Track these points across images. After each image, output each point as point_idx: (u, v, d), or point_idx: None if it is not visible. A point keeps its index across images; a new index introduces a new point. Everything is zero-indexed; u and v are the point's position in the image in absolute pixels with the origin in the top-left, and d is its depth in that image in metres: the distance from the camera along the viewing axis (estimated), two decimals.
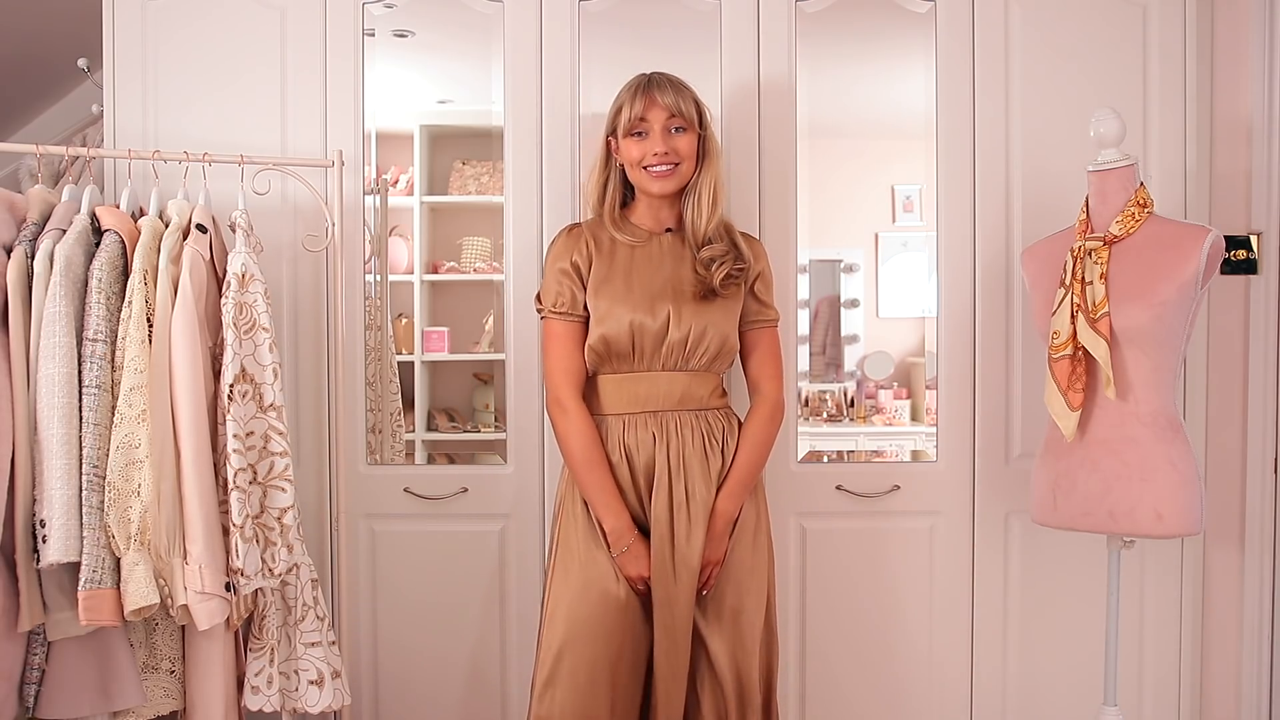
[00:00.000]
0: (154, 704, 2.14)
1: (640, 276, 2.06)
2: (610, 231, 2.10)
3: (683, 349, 2.04)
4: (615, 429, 2.06)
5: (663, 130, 2.03)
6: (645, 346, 2.03)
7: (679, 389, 2.06)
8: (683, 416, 2.05)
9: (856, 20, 2.59)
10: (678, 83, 2.07)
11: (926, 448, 2.66)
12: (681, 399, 2.06)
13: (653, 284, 2.05)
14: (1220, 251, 2.07)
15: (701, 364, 2.06)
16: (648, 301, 2.03)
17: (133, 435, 1.97)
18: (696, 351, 2.05)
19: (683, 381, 2.06)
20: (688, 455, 2.03)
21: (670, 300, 2.03)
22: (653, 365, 2.05)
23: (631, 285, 2.05)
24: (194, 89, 2.52)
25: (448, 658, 2.58)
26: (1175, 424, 2.07)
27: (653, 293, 2.04)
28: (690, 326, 2.03)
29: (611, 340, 2.03)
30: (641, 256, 2.08)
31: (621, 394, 2.07)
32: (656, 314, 2.02)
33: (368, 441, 2.57)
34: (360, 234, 2.54)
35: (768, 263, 2.18)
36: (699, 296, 2.04)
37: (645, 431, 2.04)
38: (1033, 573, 2.58)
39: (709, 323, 2.04)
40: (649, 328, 2.02)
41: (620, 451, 2.04)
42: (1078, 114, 2.46)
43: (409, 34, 2.61)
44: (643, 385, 2.06)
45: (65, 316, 1.96)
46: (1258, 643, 2.45)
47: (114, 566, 1.95)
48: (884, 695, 2.60)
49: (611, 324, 2.03)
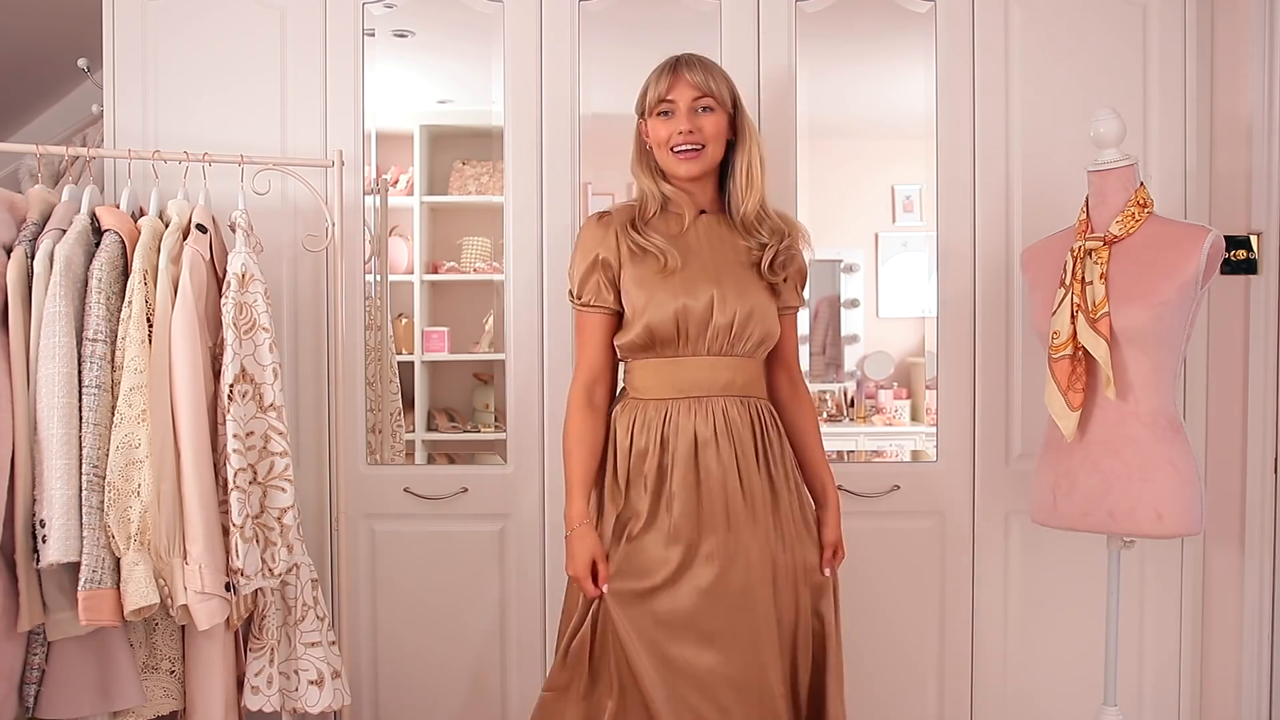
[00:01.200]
0: (154, 704, 2.14)
1: (683, 261, 1.98)
2: (651, 210, 2.03)
3: (728, 333, 1.97)
4: (653, 412, 1.98)
5: (688, 109, 1.98)
6: (690, 331, 1.96)
7: (724, 375, 1.99)
8: (730, 403, 1.98)
9: (856, 20, 2.59)
10: (707, 62, 2.02)
11: (926, 448, 2.66)
12: (727, 385, 1.99)
13: (694, 268, 1.98)
14: (1220, 251, 2.07)
15: (747, 349, 2.00)
16: (690, 286, 1.96)
17: (133, 435, 1.97)
18: (743, 335, 1.98)
19: (729, 367, 1.99)
20: (744, 447, 1.97)
21: (714, 283, 1.97)
22: (697, 350, 1.98)
23: (671, 271, 1.97)
24: (194, 89, 2.52)
25: (448, 658, 2.58)
26: (1175, 424, 2.07)
27: (695, 276, 1.97)
28: (736, 310, 1.96)
29: (656, 328, 1.96)
30: (680, 242, 2.01)
31: (663, 378, 1.99)
32: (699, 297, 1.95)
33: (368, 441, 2.57)
34: (360, 234, 2.54)
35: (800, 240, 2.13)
36: (743, 279, 2.00)
37: (688, 418, 1.96)
38: (1033, 573, 2.58)
39: (754, 305, 1.98)
40: (693, 311, 1.95)
41: (657, 436, 1.96)
42: (1078, 114, 2.46)
43: (409, 34, 2.61)
44: (687, 371, 1.98)
45: (65, 316, 1.96)
46: (1258, 643, 2.45)
47: (114, 566, 1.95)
48: (884, 695, 2.60)
49: (655, 311, 1.95)
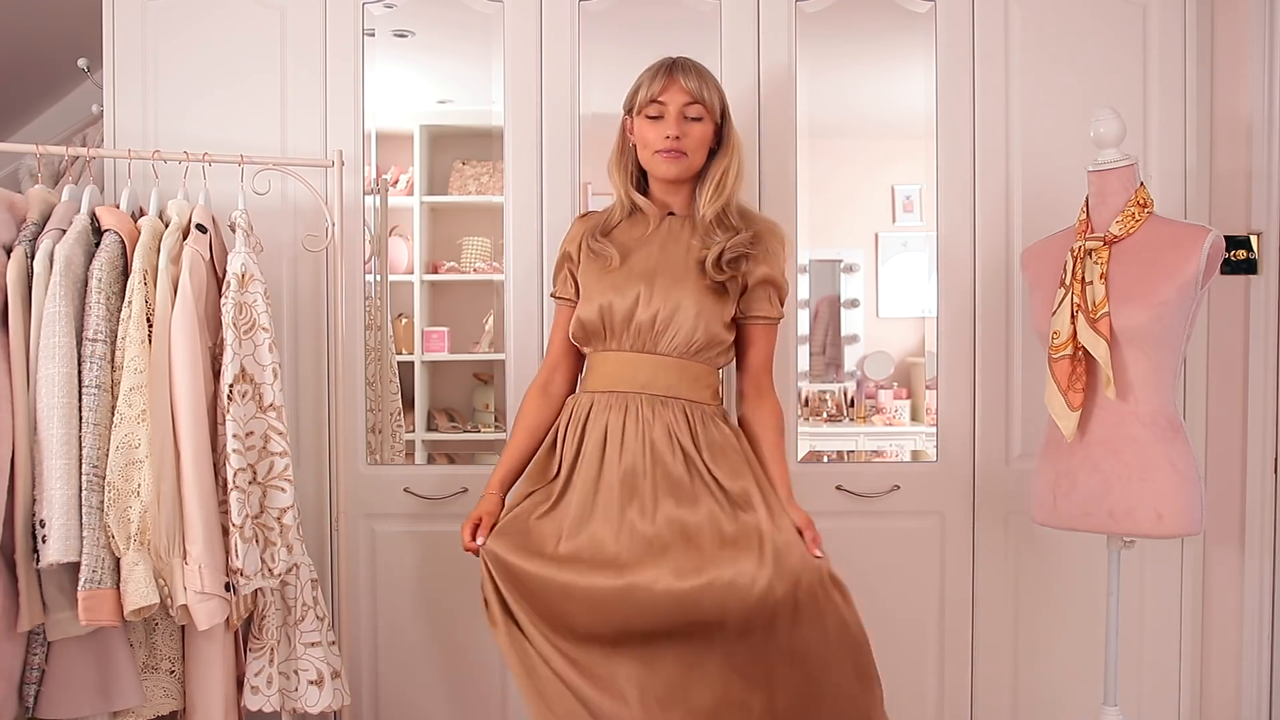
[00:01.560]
0: (154, 704, 2.14)
1: (631, 259, 2.03)
2: (618, 215, 2.09)
3: (650, 330, 1.99)
4: (587, 405, 2.03)
5: (678, 115, 1.99)
6: (615, 326, 2.01)
7: (645, 373, 2.00)
8: (648, 401, 1.99)
9: (856, 20, 2.59)
10: (702, 69, 2.04)
11: (926, 448, 2.66)
12: (646, 383, 2.00)
13: (637, 266, 2.02)
14: (1220, 251, 2.07)
15: (672, 348, 1.99)
16: (621, 284, 2.00)
17: (132, 435, 1.97)
18: (665, 334, 1.98)
19: (651, 365, 2.00)
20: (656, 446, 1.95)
21: (645, 281, 1.99)
22: (622, 346, 2.02)
23: (615, 268, 2.02)
24: (194, 89, 2.52)
25: (447, 657, 2.58)
26: (1175, 424, 2.07)
27: (633, 274, 2.01)
28: (659, 308, 1.97)
29: (585, 322, 2.03)
30: (640, 239, 2.06)
31: (598, 372, 2.05)
32: (626, 294, 1.99)
33: (368, 441, 2.57)
34: (360, 234, 2.54)
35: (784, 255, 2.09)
36: (680, 278, 1.99)
37: (604, 412, 2.00)
38: (1033, 573, 2.58)
39: (681, 304, 1.97)
40: (617, 308, 2.00)
41: (581, 428, 2.01)
42: (1078, 114, 2.46)
43: (409, 34, 2.61)
44: (611, 364, 2.03)
45: (65, 316, 1.96)
46: (1258, 643, 2.45)
47: (114, 566, 1.95)
48: (885, 695, 2.59)
49: (585, 306, 2.04)
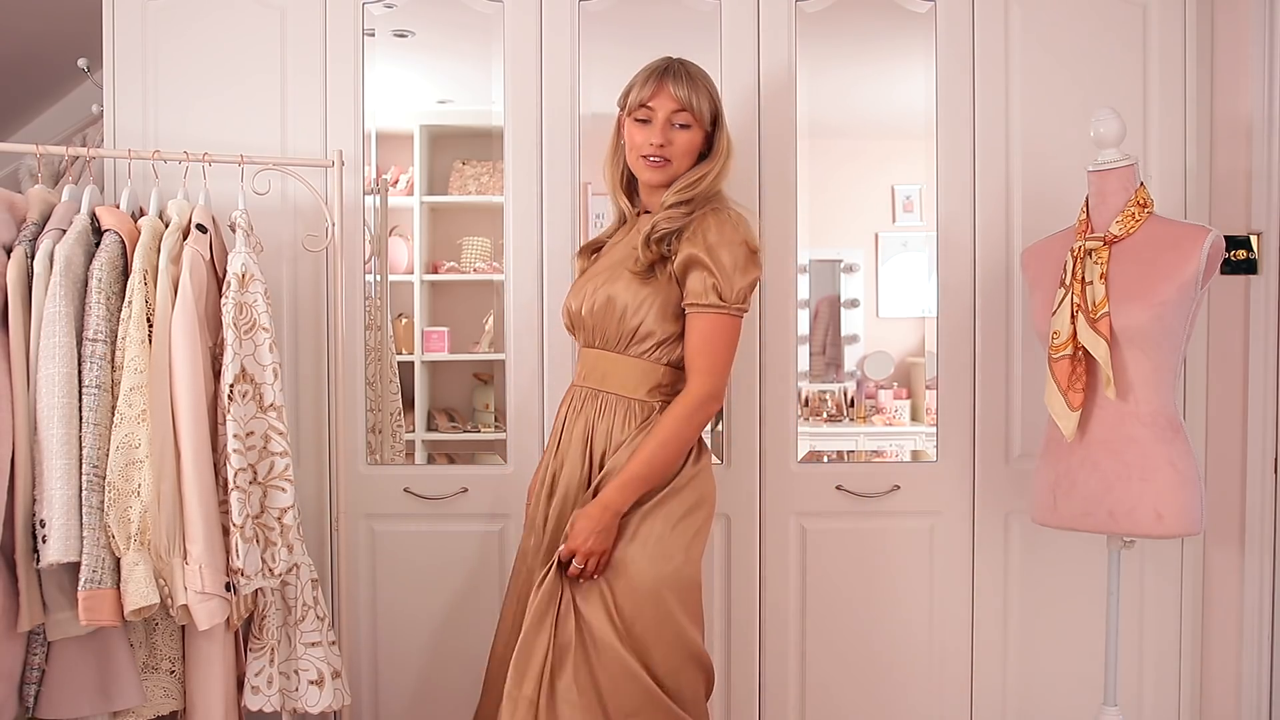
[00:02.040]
0: (154, 704, 2.14)
1: (596, 263, 2.09)
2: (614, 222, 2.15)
3: (589, 325, 2.00)
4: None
5: (665, 122, 1.96)
6: (574, 325, 2.07)
7: (599, 368, 2.00)
8: (579, 393, 2.03)
9: (856, 20, 2.59)
10: (695, 74, 1.99)
11: (926, 448, 2.66)
12: (586, 375, 2.03)
13: (596, 268, 2.07)
14: (1220, 251, 2.07)
15: (605, 341, 1.97)
16: (582, 284, 2.06)
17: (133, 435, 1.97)
18: (598, 329, 1.98)
19: (592, 359, 2.02)
20: (573, 438, 2.00)
21: (593, 280, 2.02)
22: (584, 344, 2.07)
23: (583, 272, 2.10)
24: (194, 89, 2.52)
25: (448, 658, 2.58)
26: (1175, 424, 2.07)
27: (589, 276, 2.06)
28: (593, 303, 1.97)
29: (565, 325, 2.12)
30: (612, 243, 2.10)
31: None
32: (577, 296, 2.04)
33: (368, 441, 2.57)
34: (360, 234, 2.54)
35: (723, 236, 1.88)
36: (616, 272, 1.97)
37: (567, 405, 2.08)
38: (1033, 573, 2.58)
39: (610, 296, 1.94)
40: (572, 309, 2.06)
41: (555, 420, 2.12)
42: (1078, 114, 2.46)
43: (409, 34, 2.61)
44: (579, 362, 2.10)
45: (65, 317, 1.96)
46: (1258, 643, 2.45)
47: (114, 566, 1.95)
48: (884, 695, 2.60)
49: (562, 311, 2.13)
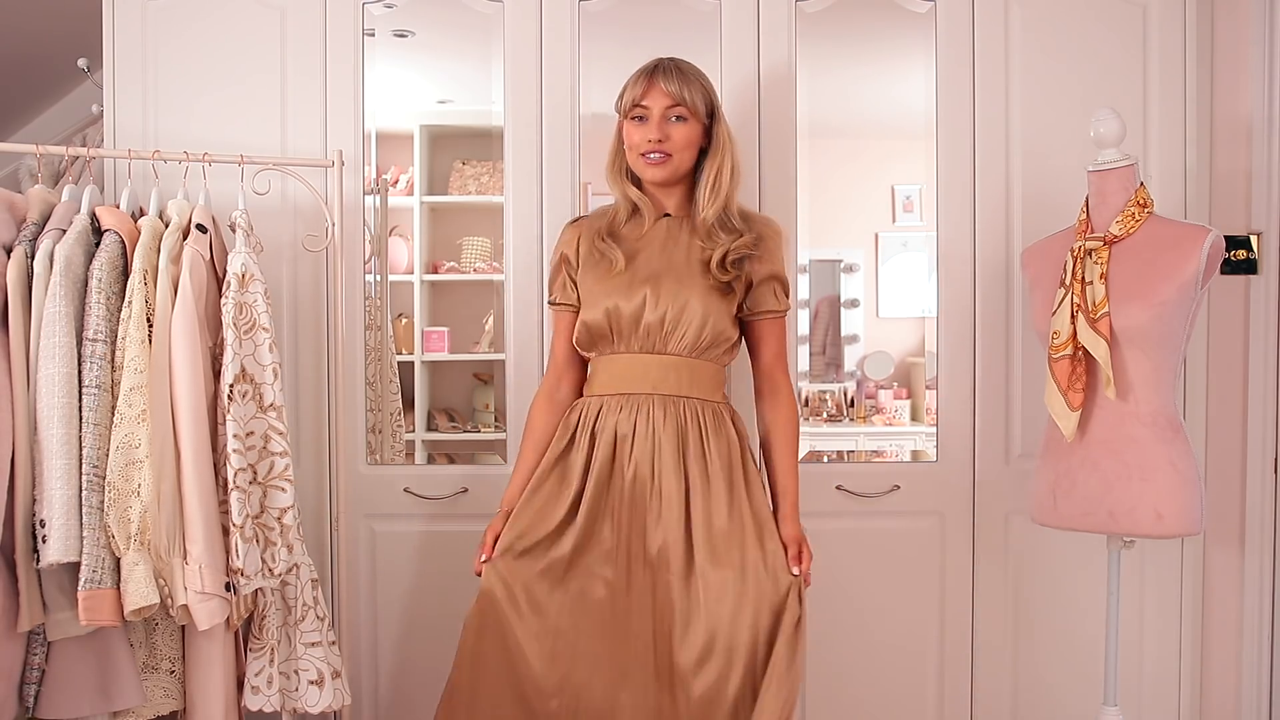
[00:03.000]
0: (154, 704, 2.14)
1: (634, 261, 2.04)
2: (623, 216, 2.09)
3: (659, 331, 2.00)
4: (594, 410, 2.04)
5: (661, 117, 2.00)
6: (623, 329, 2.02)
7: (656, 374, 2.01)
8: (658, 401, 2.00)
9: (856, 20, 2.59)
10: (686, 69, 2.03)
11: (926, 448, 2.66)
12: (657, 384, 2.01)
13: (641, 268, 2.03)
14: (1220, 251, 2.07)
15: (682, 348, 2.01)
16: (627, 286, 2.01)
17: (133, 435, 1.97)
18: (675, 334, 2.00)
19: (661, 366, 2.01)
20: (661, 447, 1.98)
21: (650, 283, 2.00)
22: (630, 348, 2.03)
23: (619, 271, 2.03)
24: (194, 89, 2.52)
25: (448, 658, 2.57)
26: (1175, 424, 2.07)
27: (637, 276, 2.02)
28: (667, 308, 1.99)
29: (591, 325, 2.04)
30: (640, 241, 2.07)
31: (607, 375, 2.06)
32: (633, 297, 2.00)
33: (368, 441, 2.57)
34: (360, 234, 2.54)
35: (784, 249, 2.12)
36: (685, 279, 2.01)
37: (614, 414, 2.01)
38: (1033, 573, 2.58)
39: (689, 304, 1.99)
40: (624, 311, 2.00)
41: (589, 432, 2.02)
42: (1078, 114, 2.46)
43: (409, 34, 2.61)
44: (620, 367, 2.04)
45: (65, 316, 1.96)
46: (1258, 643, 2.45)
47: (114, 566, 1.95)
48: (884, 695, 2.60)
49: (590, 310, 2.04)
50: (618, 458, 2.00)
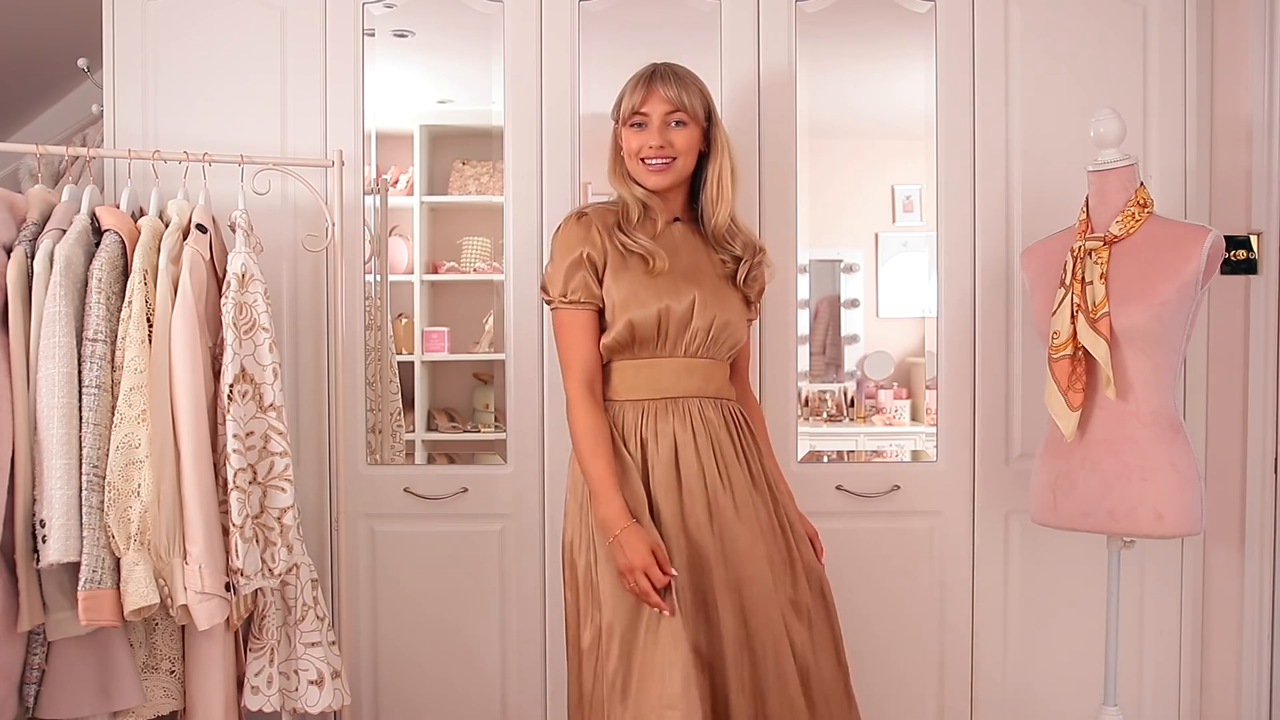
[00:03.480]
0: (154, 704, 2.14)
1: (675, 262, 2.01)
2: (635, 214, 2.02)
3: (706, 336, 2.01)
4: (631, 416, 1.98)
5: (661, 123, 1.99)
6: (670, 332, 1.99)
7: (699, 377, 2.03)
8: (705, 404, 2.02)
9: (856, 20, 2.59)
10: (683, 74, 2.03)
11: (926, 448, 2.66)
12: (700, 387, 2.02)
13: (677, 271, 2.01)
14: (1220, 251, 2.07)
15: (721, 353, 2.06)
16: (673, 287, 1.98)
17: (133, 435, 1.97)
18: (720, 340, 2.03)
19: (703, 369, 2.03)
20: (722, 446, 2.00)
21: (696, 287, 2.00)
22: (675, 352, 2.00)
23: (659, 272, 1.98)
24: (194, 89, 2.52)
25: (448, 658, 2.58)
26: (1175, 424, 2.07)
27: (678, 279, 1.99)
28: (715, 315, 2.01)
29: (639, 326, 1.96)
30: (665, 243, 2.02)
31: (639, 380, 2.00)
32: (682, 299, 1.98)
33: (368, 441, 2.57)
34: (360, 234, 2.54)
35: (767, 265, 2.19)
36: (720, 287, 2.05)
37: (665, 419, 1.98)
38: (1033, 573, 2.58)
39: (731, 313, 2.04)
40: (675, 312, 1.97)
41: (636, 439, 1.97)
42: (1078, 114, 2.46)
43: (409, 34, 2.61)
44: (664, 372, 2.00)
45: (65, 316, 1.96)
46: (1258, 643, 2.45)
47: (114, 566, 1.95)
48: (885, 695, 2.60)
49: (638, 310, 1.96)
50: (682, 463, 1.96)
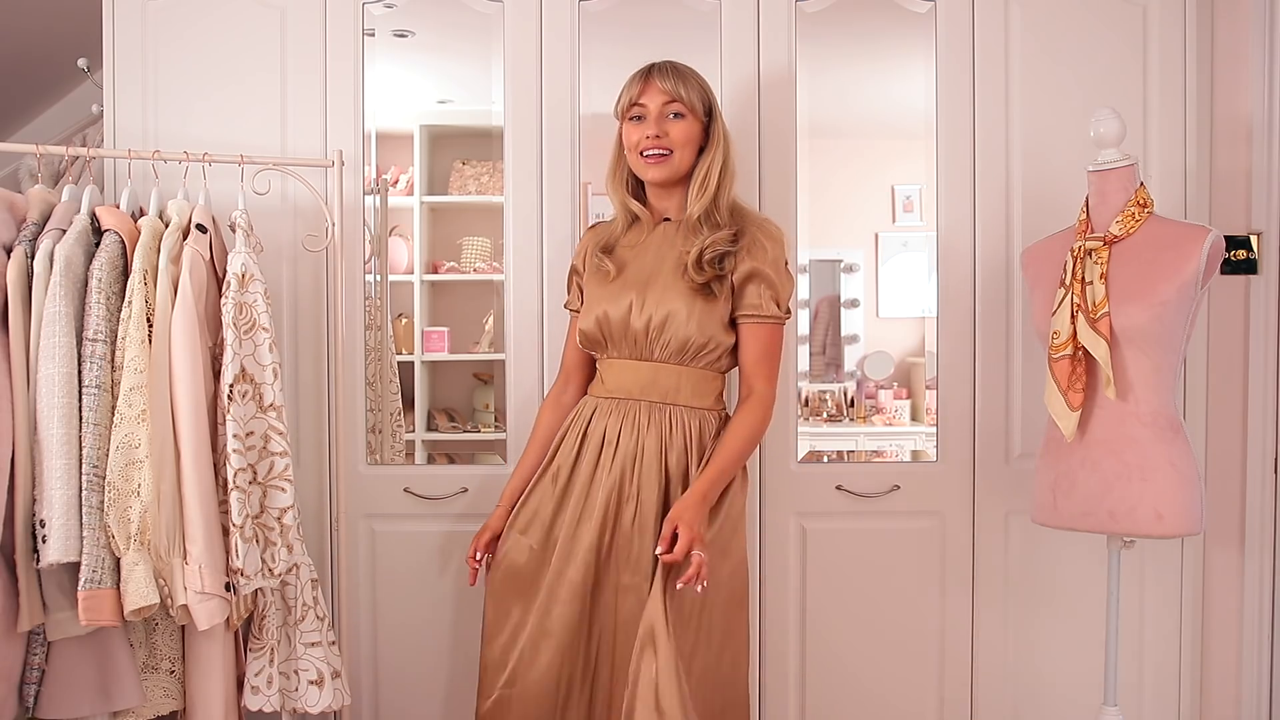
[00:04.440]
0: (154, 704, 2.14)
1: (627, 268, 2.07)
2: (620, 226, 2.13)
3: (644, 337, 2.01)
4: (589, 411, 2.08)
5: (658, 114, 2.02)
6: (613, 335, 2.05)
7: (644, 379, 2.03)
8: (644, 407, 2.02)
9: (856, 20, 2.59)
10: (682, 69, 2.06)
11: (926, 448, 2.66)
12: (645, 389, 2.02)
13: (630, 275, 2.05)
14: (1220, 251, 2.07)
15: (667, 355, 2.01)
16: (616, 293, 2.04)
17: (133, 435, 1.97)
18: (659, 340, 2.00)
19: (650, 372, 2.03)
20: (646, 449, 2.00)
21: (637, 289, 2.02)
22: (623, 354, 2.06)
23: (613, 277, 2.07)
24: (194, 89, 2.52)
25: (447, 657, 2.58)
26: (1175, 424, 2.07)
27: (626, 283, 2.04)
28: (651, 315, 2.00)
29: (585, 332, 2.10)
30: (638, 247, 2.09)
31: (606, 378, 2.09)
32: (620, 304, 2.03)
33: (368, 441, 2.57)
34: (360, 234, 2.54)
35: (777, 250, 2.03)
36: (670, 284, 2.00)
37: (608, 418, 2.05)
38: (1033, 573, 2.58)
39: (671, 311, 1.98)
40: (612, 318, 2.04)
41: (582, 433, 2.07)
42: (1078, 114, 2.46)
43: (409, 34, 2.61)
44: (613, 371, 2.08)
45: (65, 316, 1.96)
46: (1258, 643, 2.45)
47: (114, 566, 1.95)
48: (884, 695, 2.60)
49: (585, 318, 2.10)
50: (601, 461, 2.02)
